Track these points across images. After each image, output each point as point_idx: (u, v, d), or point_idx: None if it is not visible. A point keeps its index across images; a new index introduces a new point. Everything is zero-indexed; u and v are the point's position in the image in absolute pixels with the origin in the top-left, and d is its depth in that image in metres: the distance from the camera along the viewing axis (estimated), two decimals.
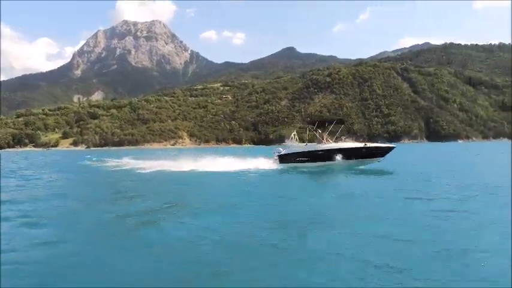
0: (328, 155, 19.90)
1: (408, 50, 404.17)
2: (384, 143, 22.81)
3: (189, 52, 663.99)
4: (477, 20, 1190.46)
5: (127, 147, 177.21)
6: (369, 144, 20.25)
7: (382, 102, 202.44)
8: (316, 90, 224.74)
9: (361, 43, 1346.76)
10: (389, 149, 20.40)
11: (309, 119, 26.19)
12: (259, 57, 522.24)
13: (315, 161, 20.26)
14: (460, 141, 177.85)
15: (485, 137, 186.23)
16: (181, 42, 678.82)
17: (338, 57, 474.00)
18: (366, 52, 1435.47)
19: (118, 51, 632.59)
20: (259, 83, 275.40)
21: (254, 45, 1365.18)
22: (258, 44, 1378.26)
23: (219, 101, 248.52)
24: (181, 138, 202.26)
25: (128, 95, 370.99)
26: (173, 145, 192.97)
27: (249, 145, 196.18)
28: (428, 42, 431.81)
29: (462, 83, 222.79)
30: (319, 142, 21.13)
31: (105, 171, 27.72)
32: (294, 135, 23.44)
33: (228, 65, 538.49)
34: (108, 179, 21.87)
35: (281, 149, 22.51)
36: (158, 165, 25.59)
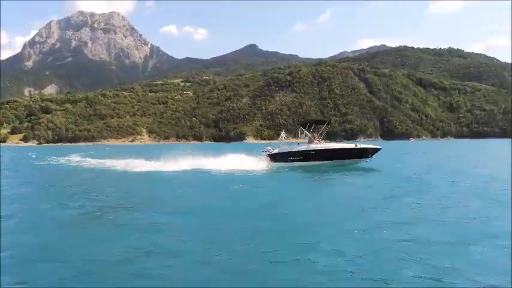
0: (321, 155, 20.45)
1: (366, 51, 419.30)
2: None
3: (149, 46, 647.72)
4: (430, 25, 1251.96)
5: (82, 143, 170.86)
6: (359, 145, 21.05)
7: (340, 102, 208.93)
8: (277, 88, 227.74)
9: (321, 43, 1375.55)
10: (377, 150, 21.28)
11: (302, 119, 26.26)
12: (221, 54, 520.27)
13: (308, 161, 20.60)
14: (411, 140, 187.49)
15: (434, 136, 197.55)
16: (140, 35, 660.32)
17: (299, 56, 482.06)
18: (326, 52, 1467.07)
19: (73, 43, 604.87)
20: (221, 80, 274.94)
21: (216, 42, 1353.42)
22: (220, 40, 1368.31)
23: (179, 97, 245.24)
24: (140, 135, 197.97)
25: (84, 89, 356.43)
26: (132, 142, 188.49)
27: (210, 142, 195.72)
28: (384, 45, 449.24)
29: (414, 84, 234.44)
30: (310, 142, 21.43)
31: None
32: (283, 134, 23.96)
33: (189, 60, 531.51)
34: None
35: (270, 148, 22.65)
36: (141, 165, 24.46)
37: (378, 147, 21.52)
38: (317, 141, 21.39)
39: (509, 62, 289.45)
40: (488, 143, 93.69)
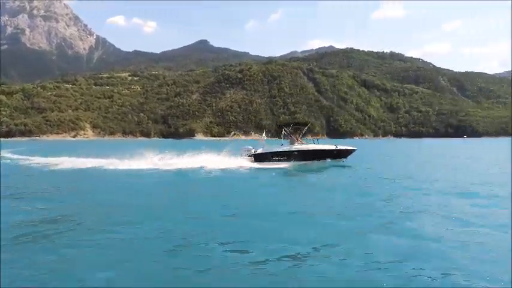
0: (304, 155, 21.45)
1: (315, 51, 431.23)
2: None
3: (95, 37, 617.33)
4: (375, 30, 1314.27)
5: (19, 138, 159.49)
6: (339, 147, 22.44)
7: (289, 100, 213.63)
8: (227, 85, 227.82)
9: (273, 41, 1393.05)
10: (352, 151, 22.77)
11: (281, 119, 26.15)
12: (171, 48, 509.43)
13: (291, 160, 21.40)
14: (356, 138, 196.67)
15: (376, 135, 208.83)
16: (85, 25, 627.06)
17: (251, 53, 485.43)
18: (277, 50, 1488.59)
19: (9, 29, 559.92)
20: (171, 75, 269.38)
21: (166, 36, 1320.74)
22: (170, 34, 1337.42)
23: (126, 91, 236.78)
24: (83, 130, 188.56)
25: (21, 80, 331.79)
26: (74, 137, 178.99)
27: (158, 138, 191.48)
28: (332, 46, 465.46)
29: (359, 85, 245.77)
30: (292, 143, 22.41)
31: None
32: (264, 136, 24.65)
33: (137, 54, 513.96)
34: None
35: (250, 147, 23.01)
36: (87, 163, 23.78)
37: (353, 148, 23.07)
38: (298, 142, 22.47)
39: (444, 67, 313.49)
40: (427, 143, 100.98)
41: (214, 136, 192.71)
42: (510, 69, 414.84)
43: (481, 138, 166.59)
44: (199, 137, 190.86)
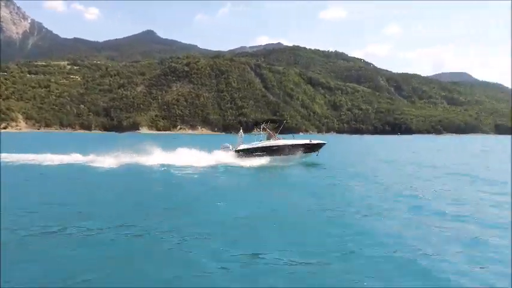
0: (282, 149, 22.52)
1: (263, 47, 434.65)
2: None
3: (30, 22, 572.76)
4: (321, 29, 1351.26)
5: None
6: (313, 141, 23.68)
7: (236, 95, 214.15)
8: (174, 78, 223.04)
9: (222, 36, 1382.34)
10: (323, 144, 24.02)
11: (261, 118, 26.56)
12: (115, 38, 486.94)
13: (271, 155, 22.33)
14: (301, 134, 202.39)
15: (320, 131, 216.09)
16: (19, 8, 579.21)
17: (199, 46, 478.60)
18: (226, 45, 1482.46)
19: None
20: (114, 65, 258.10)
21: (110, 24, 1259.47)
22: (114, 22, 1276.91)
23: (65, 81, 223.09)
24: (15, 121, 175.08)
25: None
26: (4, 128, 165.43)
27: (99, 132, 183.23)
28: (280, 43, 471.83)
29: (305, 82, 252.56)
30: (269, 138, 23.17)
31: None
32: (242, 132, 24.74)
33: (78, 41, 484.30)
34: None
35: (227, 144, 23.48)
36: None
37: (324, 142, 24.36)
38: (274, 138, 23.26)
39: (383, 68, 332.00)
40: (368, 139, 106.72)
41: (160, 130, 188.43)
42: (441, 72, 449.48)
43: (413, 135, 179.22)
44: (144, 130, 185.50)
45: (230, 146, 23.53)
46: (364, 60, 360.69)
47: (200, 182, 16.05)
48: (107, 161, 21.26)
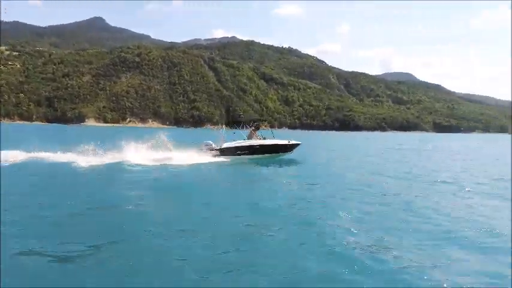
0: (263, 149, 23.05)
1: (218, 40, 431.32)
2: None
3: None
4: (277, 24, 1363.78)
5: None
6: (291, 142, 24.13)
7: (189, 88, 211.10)
8: (124, 68, 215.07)
9: (176, 27, 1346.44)
10: (299, 144, 24.70)
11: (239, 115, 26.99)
12: (60, 23, 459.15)
13: (253, 154, 22.80)
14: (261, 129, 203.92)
15: (272, 126, 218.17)
16: None
17: (152, 37, 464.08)
18: (180, 36, 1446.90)
19: None
20: (59, 53, 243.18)
21: (54, 8, 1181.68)
22: (59, 6, 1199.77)
23: (3, 67, 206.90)
24: None
25: None
26: None
27: (41, 123, 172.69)
28: (235, 37, 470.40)
29: (258, 77, 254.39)
30: (250, 137, 23.35)
31: None
32: (224, 129, 24.28)
33: (18, 25, 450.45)
34: None
35: (210, 142, 23.19)
36: None
37: (299, 142, 24.95)
38: (256, 137, 23.49)
39: (335, 66, 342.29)
40: (323, 134, 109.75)
41: (108, 122, 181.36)
42: (388, 72, 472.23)
43: (360, 132, 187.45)
44: (91, 122, 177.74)
45: (213, 144, 23.31)
46: (316, 58, 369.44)
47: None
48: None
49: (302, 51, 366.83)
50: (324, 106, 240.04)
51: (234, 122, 26.03)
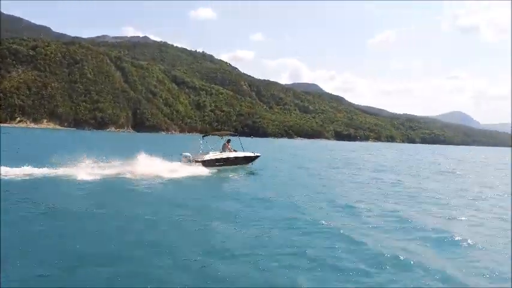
0: (236, 160, 25.29)
1: (128, 39, 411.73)
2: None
3: None
4: (191, 28, 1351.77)
5: None
6: (255, 154, 26.62)
7: (92, 88, 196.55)
8: (15, 62, 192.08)
9: (81, 20, 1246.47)
10: (259, 156, 27.12)
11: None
12: None
13: (228, 165, 24.82)
14: (162, 133, 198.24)
15: (182, 130, 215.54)
16: None
17: (53, 29, 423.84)
18: (86, 31, 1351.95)
19: None
20: None
21: None
22: None
23: None
24: None
25: None
26: None
27: None
28: (147, 37, 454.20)
29: (169, 80, 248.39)
30: (224, 150, 25.23)
31: None
32: (201, 143, 25.39)
33: None
34: None
35: (188, 154, 24.05)
36: None
37: (260, 154, 27.37)
38: (229, 150, 25.43)
39: (247, 73, 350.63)
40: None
41: None
42: (297, 82, 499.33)
43: (267, 138, 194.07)
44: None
45: (191, 156, 24.19)
46: (230, 64, 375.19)
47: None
48: None
49: (216, 57, 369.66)
50: (235, 112, 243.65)
51: (209, 135, 27.91)
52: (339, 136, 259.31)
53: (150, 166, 19.80)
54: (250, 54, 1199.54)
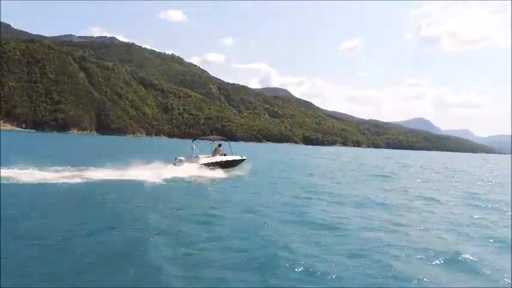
0: (228, 164, 26.54)
1: (95, 39, 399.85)
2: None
3: None
4: (161, 29, 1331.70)
5: None
6: (243, 157, 27.54)
7: (53, 88, 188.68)
8: None
9: (45, 18, 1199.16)
10: (245, 159, 28.04)
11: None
12: None
13: (222, 168, 25.79)
14: (129, 136, 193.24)
15: (149, 133, 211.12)
16: None
17: (13, 26, 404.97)
18: (50, 30, 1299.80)
19: None
20: None
21: None
22: None
23: None
24: None
25: None
26: None
27: None
28: (115, 37, 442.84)
29: (136, 82, 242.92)
30: (215, 154, 26.37)
31: None
32: (194, 147, 26.54)
33: None
34: None
35: (182, 158, 25.10)
36: None
37: (245, 158, 28.27)
38: (221, 154, 26.67)
39: (217, 76, 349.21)
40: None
41: None
42: (266, 86, 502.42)
43: (237, 142, 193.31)
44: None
45: (185, 160, 25.38)
46: (199, 67, 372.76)
47: None
48: None
49: (185, 60, 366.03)
50: (204, 115, 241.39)
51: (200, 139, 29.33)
52: (307, 140, 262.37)
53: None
54: (221, 58, 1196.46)
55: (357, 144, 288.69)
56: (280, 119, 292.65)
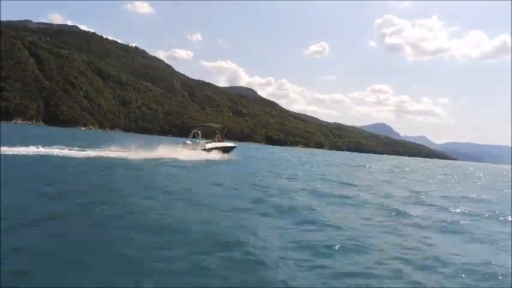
0: (227, 149, 32.67)
1: (54, 27, 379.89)
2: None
3: None
4: (125, 20, 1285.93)
5: None
6: (235, 144, 34.15)
7: None
8: None
9: (5, 1, 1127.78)
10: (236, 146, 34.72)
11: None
12: None
13: (224, 153, 31.59)
14: (82, 128, 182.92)
15: (103, 126, 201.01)
16: None
17: None
18: (7, 15, 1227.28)
19: None
20: None
21: None
22: None
23: None
24: None
25: None
26: None
27: None
28: (77, 26, 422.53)
29: (93, 73, 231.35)
30: (214, 141, 32.25)
31: None
32: (198, 133, 32.82)
33: None
34: None
35: (189, 142, 30.80)
36: None
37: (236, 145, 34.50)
38: (221, 140, 32.09)
39: (185, 73, 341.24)
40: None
41: None
42: (234, 85, 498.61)
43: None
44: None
45: (190, 143, 30.53)
46: (163, 62, 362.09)
47: None
48: None
49: (150, 53, 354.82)
50: (163, 111, 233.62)
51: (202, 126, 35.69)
52: (270, 140, 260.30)
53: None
54: (189, 55, 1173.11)
55: (319, 146, 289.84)
56: (244, 117, 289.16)
